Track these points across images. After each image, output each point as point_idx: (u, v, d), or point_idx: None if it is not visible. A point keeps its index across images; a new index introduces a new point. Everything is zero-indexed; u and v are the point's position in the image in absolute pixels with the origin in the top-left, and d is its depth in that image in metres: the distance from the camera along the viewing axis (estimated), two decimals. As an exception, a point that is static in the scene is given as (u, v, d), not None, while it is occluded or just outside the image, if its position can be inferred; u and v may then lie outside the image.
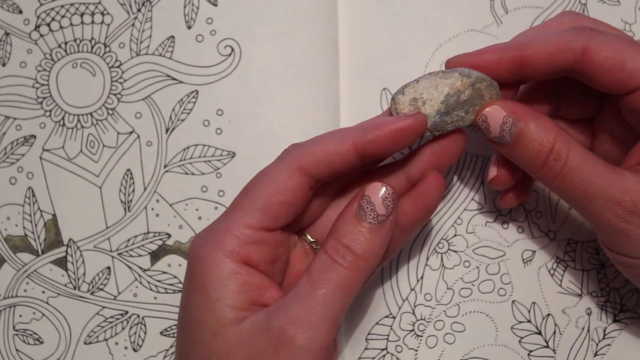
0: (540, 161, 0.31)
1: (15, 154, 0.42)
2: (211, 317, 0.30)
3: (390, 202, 0.30)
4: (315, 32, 0.41)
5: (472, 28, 0.41)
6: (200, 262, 0.31)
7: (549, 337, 0.39)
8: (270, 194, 0.31)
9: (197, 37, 0.42)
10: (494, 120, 0.32)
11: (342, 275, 0.30)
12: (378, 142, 0.31)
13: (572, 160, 0.31)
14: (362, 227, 0.30)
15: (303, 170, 0.31)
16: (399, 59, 0.41)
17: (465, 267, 0.40)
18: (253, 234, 0.31)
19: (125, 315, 0.41)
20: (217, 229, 0.31)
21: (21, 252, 0.42)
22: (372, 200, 0.30)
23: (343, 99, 0.41)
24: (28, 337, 0.41)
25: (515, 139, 0.32)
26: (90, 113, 0.42)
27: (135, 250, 0.41)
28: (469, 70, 0.32)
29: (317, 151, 0.31)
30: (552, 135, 0.31)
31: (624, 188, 0.30)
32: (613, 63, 0.31)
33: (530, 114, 0.32)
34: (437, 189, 0.33)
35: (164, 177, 0.41)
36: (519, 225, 0.40)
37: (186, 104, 0.41)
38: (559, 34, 0.32)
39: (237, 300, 0.30)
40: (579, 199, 0.31)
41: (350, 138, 0.31)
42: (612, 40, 0.31)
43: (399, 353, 0.40)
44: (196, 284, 0.31)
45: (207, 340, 0.30)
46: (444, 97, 0.32)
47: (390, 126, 0.31)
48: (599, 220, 0.31)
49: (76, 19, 0.43)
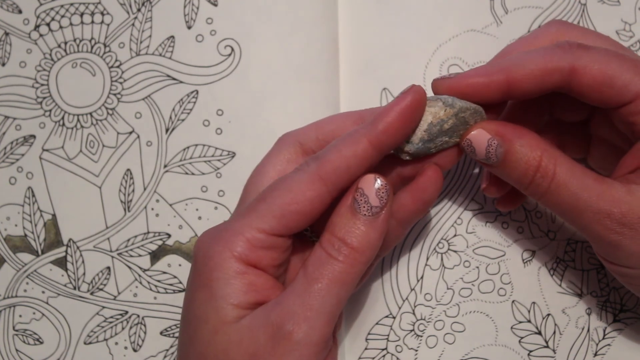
0: (527, 179, 0.32)
1: (15, 154, 0.42)
2: (213, 315, 0.30)
3: (384, 194, 0.30)
4: (315, 32, 0.41)
5: (472, 28, 0.41)
6: (208, 260, 0.31)
7: (548, 337, 0.39)
8: (288, 203, 0.30)
9: (197, 37, 0.42)
10: (478, 143, 0.32)
11: (337, 269, 0.30)
12: (390, 129, 0.30)
13: (559, 176, 0.31)
14: (356, 220, 0.30)
15: (323, 181, 0.31)
16: (399, 59, 0.41)
17: (465, 267, 0.40)
18: (265, 239, 0.31)
19: (125, 315, 0.41)
20: (228, 229, 0.31)
21: (21, 252, 0.41)
22: (366, 193, 0.30)
23: (343, 99, 0.41)
24: (28, 337, 0.41)
25: (502, 159, 0.32)
26: (90, 113, 0.42)
27: (135, 250, 0.41)
28: (452, 99, 0.32)
29: (334, 159, 0.31)
30: (537, 153, 0.31)
31: (613, 200, 0.30)
32: (601, 81, 0.31)
33: (515, 133, 0.32)
34: (435, 184, 0.33)
35: (164, 177, 0.41)
36: (519, 225, 0.40)
37: (186, 104, 0.41)
38: (544, 54, 0.32)
39: (242, 299, 0.30)
40: (568, 213, 0.32)
41: (363, 135, 0.30)
42: (599, 58, 0.31)
43: (399, 353, 0.40)
44: (201, 280, 0.31)
45: (207, 337, 0.30)
46: (427, 125, 0.32)
47: (395, 109, 0.30)
48: (590, 233, 0.32)
49: (76, 19, 0.43)
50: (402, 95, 0.31)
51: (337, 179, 0.31)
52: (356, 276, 0.30)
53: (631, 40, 0.41)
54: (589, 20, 0.41)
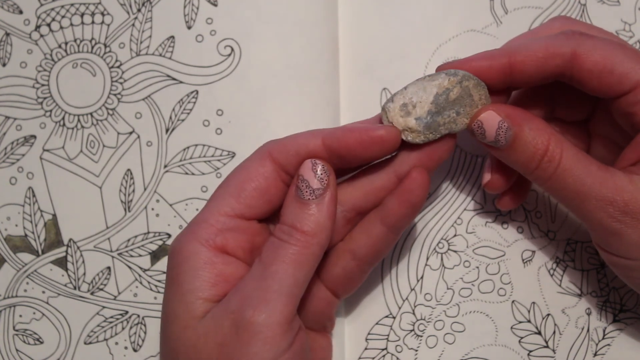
0: (534, 163, 0.32)
1: (16, 154, 0.42)
2: (183, 310, 0.30)
3: (324, 175, 0.31)
4: (315, 32, 0.41)
5: (472, 28, 0.41)
6: (177, 254, 0.31)
7: (548, 337, 0.39)
8: (242, 181, 0.32)
9: (197, 37, 0.42)
10: (489, 125, 0.32)
11: (291, 252, 0.30)
12: (346, 145, 0.31)
13: (565, 161, 0.31)
14: (302, 205, 0.31)
15: (273, 158, 0.32)
16: (399, 59, 0.41)
17: (465, 267, 0.40)
18: (228, 221, 0.31)
19: (125, 315, 0.41)
20: (194, 221, 0.32)
21: (21, 252, 0.42)
22: (306, 178, 0.31)
23: (343, 99, 0.41)
24: (28, 337, 0.41)
25: (510, 143, 0.32)
26: (91, 113, 0.42)
27: (135, 250, 0.41)
28: (454, 70, 0.32)
29: (287, 142, 0.32)
30: (545, 137, 0.31)
31: (616, 188, 0.31)
32: (602, 68, 0.31)
33: (524, 117, 0.32)
34: (421, 186, 0.32)
35: (164, 177, 0.41)
36: (518, 225, 0.40)
37: (186, 104, 0.41)
38: (547, 39, 0.32)
39: (210, 292, 0.30)
40: (572, 200, 0.32)
41: (321, 135, 0.31)
42: (601, 45, 0.31)
43: (399, 353, 0.40)
44: (172, 276, 0.31)
45: (177, 334, 0.30)
46: (433, 97, 0.32)
47: (360, 133, 0.31)
48: (591, 220, 0.32)
49: (76, 19, 0.43)
50: (378, 127, 0.31)
51: (285, 161, 0.32)
52: (313, 258, 0.30)
53: (631, 40, 0.41)
54: (589, 21, 0.41)
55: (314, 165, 0.31)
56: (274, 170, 0.32)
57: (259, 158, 0.32)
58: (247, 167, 0.32)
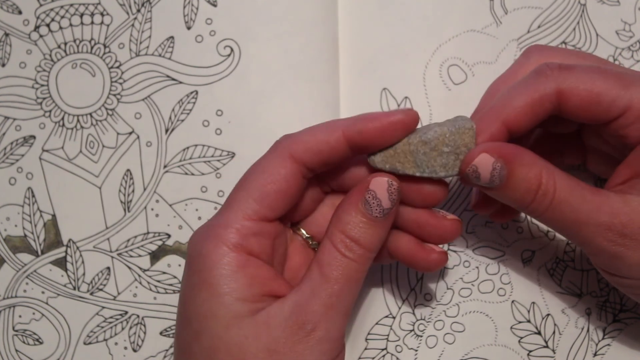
0: (529, 198, 0.31)
1: (15, 155, 0.42)
2: (222, 310, 0.30)
3: (396, 195, 0.31)
4: (315, 32, 0.41)
5: (471, 28, 0.41)
6: (204, 258, 0.31)
7: (548, 337, 0.39)
8: (264, 184, 0.31)
9: (197, 38, 0.42)
10: (484, 168, 0.31)
11: (353, 269, 0.31)
12: (367, 134, 0.31)
13: (559, 192, 0.31)
14: (369, 220, 0.31)
15: (294, 158, 0.32)
16: (399, 59, 0.41)
17: (465, 267, 0.40)
18: (253, 225, 0.31)
19: (124, 315, 0.41)
20: (216, 224, 0.31)
21: (21, 252, 0.42)
22: (379, 196, 0.31)
23: (343, 99, 0.41)
24: (28, 337, 0.41)
25: (504, 181, 0.31)
26: (90, 113, 0.42)
27: (135, 250, 0.41)
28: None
29: (307, 140, 0.32)
30: (537, 170, 0.31)
31: (612, 211, 0.30)
32: (589, 101, 0.31)
33: (516, 153, 0.31)
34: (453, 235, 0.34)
35: (163, 177, 0.41)
36: (518, 225, 0.40)
37: (186, 104, 0.41)
38: (528, 85, 0.32)
39: (248, 293, 0.30)
40: (569, 229, 0.31)
41: (340, 127, 0.31)
42: (583, 77, 0.31)
43: (399, 353, 0.40)
44: (201, 278, 0.31)
45: (218, 332, 0.30)
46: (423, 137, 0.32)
47: (380, 119, 0.31)
48: (591, 246, 0.31)
49: (76, 20, 0.43)
50: (395, 111, 0.31)
51: (308, 160, 0.32)
52: (366, 272, 0.32)
53: (631, 40, 0.41)
54: (589, 21, 0.41)
55: (390, 185, 0.31)
56: (296, 171, 0.32)
57: (279, 158, 0.32)
58: (267, 168, 0.32)
